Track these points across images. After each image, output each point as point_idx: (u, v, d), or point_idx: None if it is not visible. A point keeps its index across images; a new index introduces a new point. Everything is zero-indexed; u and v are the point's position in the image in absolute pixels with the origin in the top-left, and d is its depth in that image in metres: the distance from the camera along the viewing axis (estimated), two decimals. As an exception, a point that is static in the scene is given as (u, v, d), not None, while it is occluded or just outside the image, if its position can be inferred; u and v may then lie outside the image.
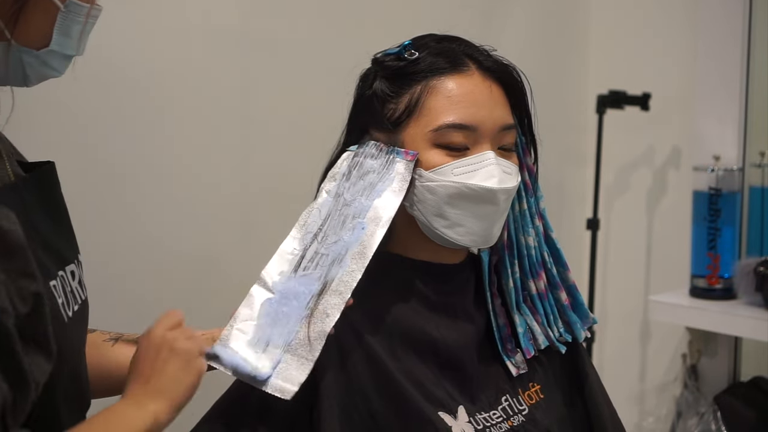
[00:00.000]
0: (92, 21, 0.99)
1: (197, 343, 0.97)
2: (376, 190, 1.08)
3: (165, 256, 1.77)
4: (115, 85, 1.72)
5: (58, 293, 0.93)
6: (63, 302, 0.94)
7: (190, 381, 0.95)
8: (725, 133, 2.34)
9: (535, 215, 1.17)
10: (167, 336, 0.97)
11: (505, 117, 1.10)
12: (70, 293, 0.97)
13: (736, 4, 2.31)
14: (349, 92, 1.16)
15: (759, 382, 2.32)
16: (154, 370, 0.95)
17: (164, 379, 0.94)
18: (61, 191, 1.06)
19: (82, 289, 1.03)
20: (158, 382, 0.94)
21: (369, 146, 1.11)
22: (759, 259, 2.20)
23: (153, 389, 0.94)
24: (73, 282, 0.99)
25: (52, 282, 0.92)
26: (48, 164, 1.04)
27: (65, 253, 1.00)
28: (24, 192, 0.95)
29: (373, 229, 1.05)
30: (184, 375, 0.95)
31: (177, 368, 0.95)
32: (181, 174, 1.84)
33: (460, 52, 1.11)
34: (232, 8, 1.90)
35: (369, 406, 1.04)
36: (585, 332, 1.21)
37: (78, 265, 1.03)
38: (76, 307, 0.98)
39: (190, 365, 0.96)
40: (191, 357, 0.96)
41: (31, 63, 0.95)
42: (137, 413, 0.91)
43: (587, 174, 2.64)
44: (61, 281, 0.95)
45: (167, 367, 0.95)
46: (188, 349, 0.96)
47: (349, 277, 1.03)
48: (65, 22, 0.94)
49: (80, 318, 1.00)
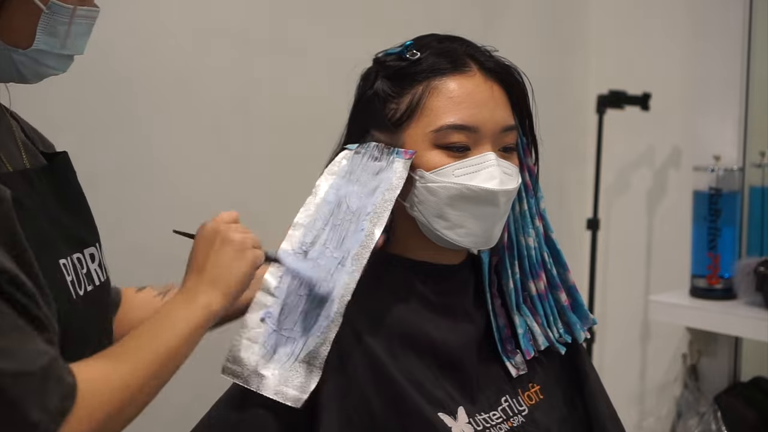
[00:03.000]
0: (83, 21, 1.02)
1: (251, 236, 1.01)
2: (377, 192, 1.08)
3: (164, 255, 1.77)
4: (116, 84, 1.73)
5: (68, 271, 0.97)
6: (73, 280, 0.98)
7: (243, 269, 0.99)
8: (725, 133, 2.34)
9: (535, 216, 1.17)
10: (221, 227, 1.00)
11: (506, 118, 1.10)
12: (86, 274, 1.02)
13: (736, 4, 2.31)
14: (350, 92, 1.16)
15: (759, 382, 2.32)
16: (207, 260, 0.98)
17: (217, 268, 0.98)
18: (77, 180, 1.12)
19: (102, 271, 1.08)
20: (211, 271, 0.98)
21: (371, 148, 1.11)
22: (759, 259, 2.20)
23: (206, 279, 0.97)
24: (92, 264, 1.05)
25: (62, 260, 0.97)
26: (62, 154, 1.11)
27: (84, 237, 1.06)
28: (35, 178, 1.00)
29: (371, 229, 1.05)
30: (237, 263, 0.98)
31: (230, 257, 0.98)
32: (182, 174, 1.84)
33: (462, 53, 1.11)
34: (233, 8, 1.90)
35: (368, 406, 1.04)
36: (585, 333, 1.20)
37: (98, 249, 1.08)
38: (90, 287, 1.03)
39: (244, 254, 0.99)
40: (244, 247, 0.99)
41: (22, 61, 0.99)
42: (187, 311, 0.95)
43: (587, 174, 2.64)
44: (74, 261, 1.00)
45: (220, 257, 0.98)
46: (241, 239, 1.00)
47: (350, 278, 1.03)
48: (49, 22, 0.98)
49: (97, 298, 1.05)
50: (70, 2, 0.99)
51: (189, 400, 1.04)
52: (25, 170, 1.02)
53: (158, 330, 0.94)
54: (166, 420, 1.65)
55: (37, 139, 1.14)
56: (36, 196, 0.99)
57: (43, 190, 1.02)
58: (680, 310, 2.31)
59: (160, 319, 0.96)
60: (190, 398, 1.09)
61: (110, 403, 0.87)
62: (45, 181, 1.03)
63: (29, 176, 1.01)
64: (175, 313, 0.96)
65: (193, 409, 1.12)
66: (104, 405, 0.86)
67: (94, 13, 1.03)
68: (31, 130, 1.14)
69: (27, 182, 0.99)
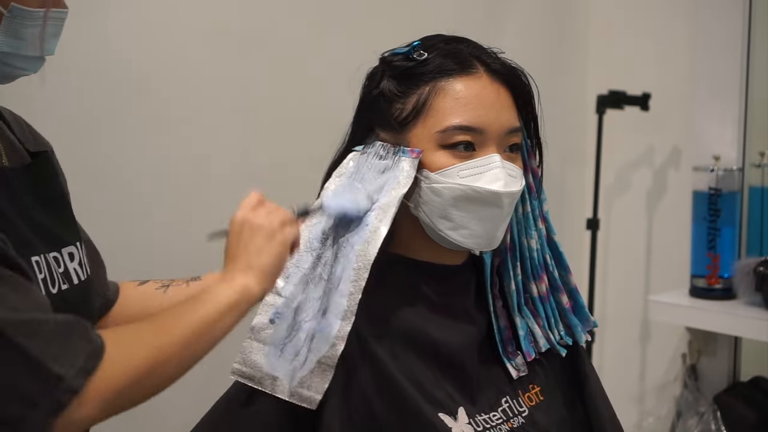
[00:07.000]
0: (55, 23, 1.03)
1: (278, 215, 1.02)
2: (383, 190, 1.08)
3: (164, 255, 1.77)
4: (116, 84, 1.73)
5: (40, 269, 0.99)
6: (45, 278, 1.00)
7: (275, 251, 1.00)
8: (725, 133, 2.34)
9: (538, 218, 1.17)
10: (247, 216, 1.02)
11: (511, 120, 1.10)
12: (63, 273, 1.04)
13: (736, 4, 2.31)
14: (351, 92, 1.16)
15: (759, 382, 2.32)
16: (239, 249, 1.00)
17: (249, 254, 1.00)
18: (59, 180, 1.14)
19: (83, 270, 1.09)
20: (244, 258, 0.99)
21: (376, 147, 1.11)
22: (759, 259, 2.20)
23: (241, 265, 0.99)
24: (70, 263, 1.06)
25: (34, 257, 0.99)
26: (43, 154, 1.12)
27: (63, 236, 1.07)
28: (12, 177, 1.02)
29: (377, 225, 1.05)
30: (268, 246, 1.00)
31: (260, 242, 1.00)
32: (182, 174, 1.84)
33: (468, 54, 1.11)
34: (233, 8, 1.90)
35: (369, 406, 1.04)
36: (585, 335, 1.21)
37: (79, 249, 1.09)
38: (65, 286, 1.04)
39: (274, 236, 1.01)
40: (273, 230, 1.01)
41: None
42: (225, 288, 0.96)
43: (587, 174, 2.64)
44: (49, 259, 1.02)
45: (250, 244, 1.00)
46: (268, 223, 1.01)
47: (356, 275, 1.03)
48: (12, 26, 0.99)
49: (74, 297, 1.06)
50: (34, 5, 0.99)
51: (190, 400, 1.04)
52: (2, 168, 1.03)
53: (195, 305, 0.95)
54: (167, 419, 1.65)
55: (30, 138, 1.15)
56: (9, 193, 1.01)
57: (20, 188, 1.03)
58: (680, 310, 2.31)
59: (198, 295, 0.96)
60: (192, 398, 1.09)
61: (137, 369, 0.86)
62: (23, 180, 1.04)
63: (4, 174, 1.02)
64: (212, 290, 0.97)
65: (194, 408, 1.12)
66: (131, 370, 0.86)
67: (63, 15, 1.04)
68: (25, 130, 1.15)
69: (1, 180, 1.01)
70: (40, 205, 1.05)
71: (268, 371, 1.02)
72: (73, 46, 1.10)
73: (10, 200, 1.00)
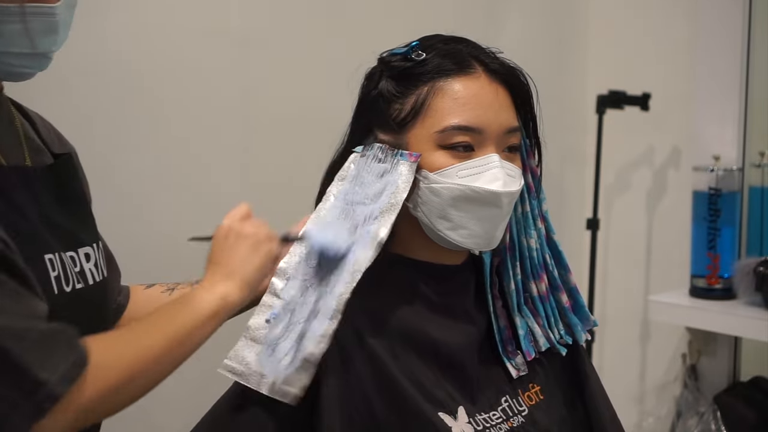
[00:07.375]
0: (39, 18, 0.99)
1: (265, 229, 1.04)
2: (383, 195, 1.08)
3: (163, 255, 1.77)
4: (116, 84, 1.73)
5: (53, 267, 1.00)
6: (58, 276, 1.00)
7: (258, 261, 1.02)
8: (725, 133, 2.34)
9: (537, 217, 1.17)
10: (234, 225, 1.04)
11: (510, 120, 1.10)
12: (78, 272, 1.05)
13: (736, 4, 2.31)
14: (351, 92, 1.16)
15: (759, 382, 2.32)
16: (223, 254, 1.02)
17: (233, 261, 1.01)
18: (80, 182, 1.16)
19: (99, 271, 1.10)
20: (227, 264, 1.01)
21: (375, 149, 1.11)
22: (759, 259, 2.20)
23: (223, 272, 1.00)
24: (86, 263, 1.07)
25: (47, 255, 1.00)
26: (65, 156, 1.13)
27: (80, 236, 1.08)
28: (33, 176, 1.03)
29: (377, 231, 1.05)
30: (252, 256, 1.02)
31: (245, 251, 1.02)
32: (181, 174, 1.84)
33: (467, 54, 1.11)
34: (233, 8, 1.90)
35: (369, 406, 1.04)
36: (585, 335, 1.21)
37: (96, 250, 1.11)
38: (80, 285, 1.05)
39: (259, 247, 1.02)
40: (259, 240, 1.03)
41: None
42: (206, 296, 0.98)
43: (587, 174, 2.64)
44: (64, 258, 1.02)
45: (235, 251, 1.02)
46: (255, 232, 1.03)
47: (351, 278, 1.03)
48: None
49: (89, 297, 1.06)
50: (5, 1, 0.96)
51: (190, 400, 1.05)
52: (21, 167, 1.04)
53: (175, 313, 0.97)
54: (167, 420, 1.66)
55: (55, 140, 1.16)
56: (29, 192, 1.01)
57: (41, 188, 1.04)
58: (680, 310, 2.31)
59: (178, 303, 0.98)
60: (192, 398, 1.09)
61: (119, 377, 0.89)
62: (44, 180, 1.05)
63: (26, 173, 1.03)
64: (192, 298, 0.99)
65: (194, 408, 1.12)
66: (113, 378, 0.88)
67: (47, 9, 0.99)
68: (49, 132, 1.16)
69: (21, 178, 1.01)
70: (59, 205, 1.06)
71: (256, 369, 1.03)
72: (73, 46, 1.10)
73: (30, 199, 1.01)
